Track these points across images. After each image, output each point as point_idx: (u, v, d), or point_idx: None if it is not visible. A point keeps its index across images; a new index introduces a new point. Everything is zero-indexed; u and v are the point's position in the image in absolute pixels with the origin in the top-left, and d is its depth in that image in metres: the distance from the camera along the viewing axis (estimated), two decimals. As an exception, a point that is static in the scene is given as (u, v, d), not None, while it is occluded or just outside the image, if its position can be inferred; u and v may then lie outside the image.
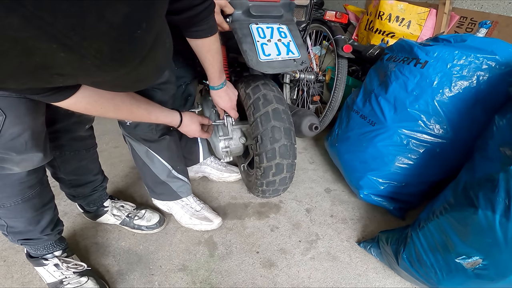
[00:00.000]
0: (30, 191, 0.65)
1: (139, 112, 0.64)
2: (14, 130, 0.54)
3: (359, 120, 1.11)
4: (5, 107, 0.52)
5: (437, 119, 0.92)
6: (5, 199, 0.63)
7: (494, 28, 1.57)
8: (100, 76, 0.34)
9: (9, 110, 0.52)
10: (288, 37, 0.85)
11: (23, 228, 0.69)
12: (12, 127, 0.54)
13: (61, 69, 0.29)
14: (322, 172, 1.33)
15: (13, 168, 0.59)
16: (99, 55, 0.28)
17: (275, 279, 0.85)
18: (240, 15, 0.81)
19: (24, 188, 0.64)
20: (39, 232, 0.71)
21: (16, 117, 0.54)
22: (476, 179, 0.66)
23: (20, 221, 0.67)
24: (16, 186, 0.62)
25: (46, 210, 0.72)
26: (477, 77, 0.87)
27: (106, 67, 0.31)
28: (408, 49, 1.03)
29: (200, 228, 0.98)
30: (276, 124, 0.83)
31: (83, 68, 0.30)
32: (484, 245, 0.59)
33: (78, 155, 0.83)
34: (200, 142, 1.17)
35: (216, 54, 0.72)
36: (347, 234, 1.00)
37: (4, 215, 0.66)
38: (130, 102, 0.62)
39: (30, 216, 0.68)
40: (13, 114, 0.53)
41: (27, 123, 0.56)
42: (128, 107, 0.62)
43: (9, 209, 0.64)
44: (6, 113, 0.52)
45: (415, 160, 0.97)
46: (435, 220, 0.71)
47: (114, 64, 0.31)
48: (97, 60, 0.29)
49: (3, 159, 0.56)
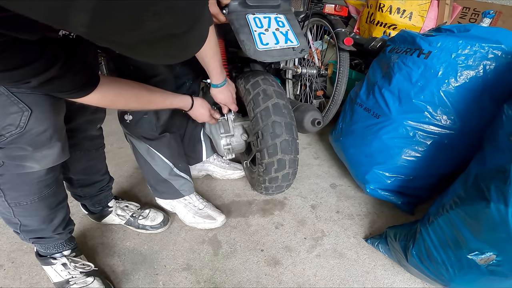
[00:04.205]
0: (47, 189, 0.66)
1: (156, 99, 0.70)
2: (39, 126, 0.55)
3: (363, 113, 1.09)
4: (30, 103, 0.53)
5: (444, 109, 0.90)
6: (22, 197, 0.63)
7: (498, 18, 1.53)
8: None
9: (34, 106, 0.53)
10: (286, 26, 0.83)
11: (36, 227, 0.70)
12: (37, 122, 0.54)
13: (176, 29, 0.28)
14: (327, 167, 1.31)
15: (34, 165, 0.59)
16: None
17: (280, 277, 0.84)
18: (236, 6, 0.80)
19: (41, 186, 0.64)
20: (51, 231, 0.72)
21: (41, 112, 0.55)
22: (487, 171, 0.63)
23: (34, 220, 0.68)
24: (35, 184, 0.63)
25: (60, 209, 0.73)
26: (483, 67, 0.85)
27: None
28: (411, 40, 1.00)
29: (203, 227, 0.98)
30: (277, 119, 0.82)
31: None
32: (497, 240, 0.56)
33: (88, 155, 0.84)
34: (203, 140, 1.16)
35: (215, 46, 0.72)
36: (354, 230, 0.98)
37: (19, 214, 0.66)
38: (146, 92, 0.67)
39: (45, 214, 0.69)
40: (38, 109, 0.54)
41: (51, 119, 0.57)
42: (146, 97, 0.67)
43: (25, 208, 0.65)
44: (32, 108, 0.53)
45: (422, 152, 0.94)
46: (445, 215, 0.68)
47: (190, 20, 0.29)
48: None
49: (25, 157, 0.57)
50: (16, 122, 0.52)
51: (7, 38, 0.39)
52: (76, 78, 0.52)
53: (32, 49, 0.43)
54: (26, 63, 0.43)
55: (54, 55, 0.46)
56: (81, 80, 0.53)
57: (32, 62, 0.44)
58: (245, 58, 1.20)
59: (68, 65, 0.49)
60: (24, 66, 0.43)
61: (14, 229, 0.71)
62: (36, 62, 0.44)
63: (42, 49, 0.44)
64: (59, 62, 0.47)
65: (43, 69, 0.45)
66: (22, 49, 0.42)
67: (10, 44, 0.40)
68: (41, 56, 0.44)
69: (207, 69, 0.78)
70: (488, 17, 1.37)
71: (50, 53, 0.46)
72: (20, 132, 0.53)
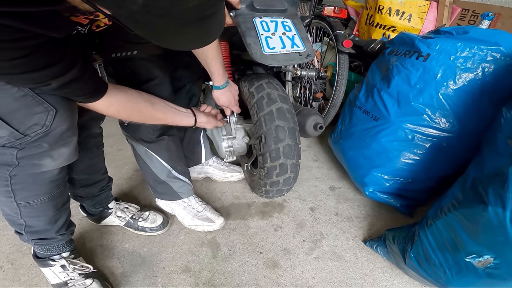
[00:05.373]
0: (56, 189, 0.67)
1: (158, 116, 0.72)
2: (63, 124, 0.56)
3: (362, 116, 1.09)
4: (54, 103, 0.54)
5: (443, 112, 0.90)
6: (33, 197, 0.64)
7: (497, 20, 1.53)
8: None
9: (58, 105, 0.54)
10: (292, 31, 0.83)
11: (41, 228, 0.70)
12: (61, 121, 0.55)
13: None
14: (327, 170, 1.31)
15: (50, 164, 0.60)
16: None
17: (279, 279, 0.84)
18: (243, 9, 0.80)
19: (53, 186, 0.65)
20: (55, 232, 0.73)
21: (65, 111, 0.56)
22: (485, 174, 0.63)
23: (41, 220, 0.68)
24: (46, 184, 0.63)
25: (64, 210, 0.73)
26: (482, 69, 0.85)
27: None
28: (410, 43, 1.00)
29: (202, 229, 0.98)
30: (280, 123, 0.82)
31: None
32: (495, 243, 0.56)
33: (90, 153, 0.84)
34: (203, 143, 1.16)
35: (217, 48, 0.73)
36: (352, 233, 0.98)
37: (26, 214, 0.66)
38: (151, 108, 0.69)
39: (52, 215, 0.69)
40: (62, 108, 0.55)
41: (71, 117, 0.58)
42: (149, 112, 0.69)
43: (34, 208, 0.65)
44: (56, 108, 0.54)
45: (421, 155, 0.95)
46: (443, 218, 0.68)
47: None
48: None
49: (43, 155, 0.57)
50: (42, 122, 0.53)
51: (40, 40, 0.40)
52: (90, 81, 0.54)
53: (56, 50, 0.45)
54: (50, 64, 0.44)
55: (73, 57, 0.48)
56: (94, 85, 0.55)
57: (56, 64, 0.45)
58: (248, 61, 1.21)
59: (85, 67, 0.50)
60: (49, 67, 0.44)
61: (17, 230, 0.71)
62: (59, 63, 0.45)
63: (64, 50, 0.46)
64: (78, 63, 0.48)
65: (64, 71, 0.47)
66: (49, 50, 0.43)
67: (40, 46, 0.41)
68: (63, 58, 0.46)
69: (209, 70, 0.78)
70: (487, 19, 1.37)
71: (70, 54, 0.47)
72: (46, 131, 0.54)
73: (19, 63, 0.41)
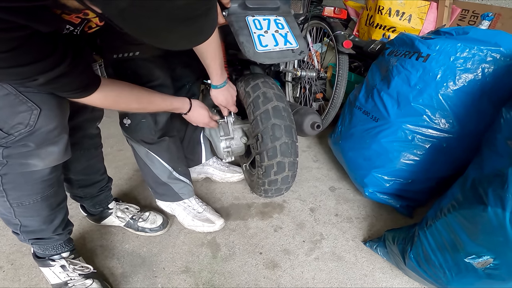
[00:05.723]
0: (49, 189, 0.66)
1: (156, 99, 0.71)
2: (49, 124, 0.55)
3: (362, 116, 1.09)
4: (39, 102, 0.53)
5: (443, 113, 0.90)
6: (25, 197, 0.63)
7: (497, 20, 1.53)
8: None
9: (42, 104, 0.53)
10: (285, 28, 0.84)
11: (36, 227, 0.70)
12: (46, 120, 0.55)
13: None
14: (327, 170, 1.31)
15: (39, 163, 0.59)
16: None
17: (279, 280, 0.84)
18: (236, 8, 0.80)
19: (44, 186, 0.64)
20: (51, 232, 0.72)
21: (50, 111, 0.55)
22: (485, 175, 0.63)
23: (35, 220, 0.68)
24: (38, 184, 0.63)
25: (60, 209, 0.73)
26: (482, 70, 0.85)
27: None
28: (409, 43, 1.00)
29: (202, 230, 0.98)
30: (277, 122, 0.82)
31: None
32: (495, 244, 0.56)
33: (88, 154, 0.84)
34: (203, 143, 1.17)
35: (217, 48, 0.73)
36: (352, 234, 0.98)
37: (20, 214, 0.66)
38: (146, 93, 0.69)
39: (46, 214, 0.69)
40: (47, 107, 0.54)
41: (59, 116, 0.57)
42: (146, 97, 0.68)
43: (27, 208, 0.65)
44: (41, 107, 0.53)
45: (421, 156, 0.95)
46: (443, 218, 0.68)
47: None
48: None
49: (30, 154, 0.57)
50: (25, 121, 0.53)
51: (26, 32, 0.39)
52: (80, 77, 0.52)
53: (44, 45, 0.44)
54: (38, 59, 0.43)
55: (63, 53, 0.47)
56: (85, 80, 0.54)
57: (43, 59, 0.44)
58: (245, 61, 1.21)
59: (74, 63, 0.49)
60: (35, 63, 0.43)
61: (13, 230, 0.71)
62: (47, 58, 0.44)
63: (54, 46, 0.45)
64: (67, 59, 0.47)
65: (52, 66, 0.46)
66: (36, 44, 0.42)
67: (27, 39, 0.40)
68: (52, 53, 0.45)
69: (208, 69, 0.78)
70: (487, 19, 1.37)
71: (60, 50, 0.46)
72: (30, 131, 0.54)
73: (5, 57, 0.40)
